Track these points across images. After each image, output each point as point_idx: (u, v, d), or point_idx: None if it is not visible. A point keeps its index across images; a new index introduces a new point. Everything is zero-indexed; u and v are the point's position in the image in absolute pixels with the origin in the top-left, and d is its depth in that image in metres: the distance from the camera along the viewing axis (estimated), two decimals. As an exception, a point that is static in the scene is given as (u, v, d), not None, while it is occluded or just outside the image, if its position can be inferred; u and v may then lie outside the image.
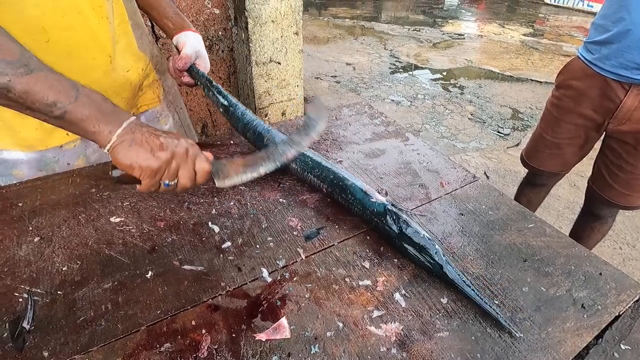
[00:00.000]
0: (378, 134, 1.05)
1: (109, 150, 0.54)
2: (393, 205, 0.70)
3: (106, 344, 0.51)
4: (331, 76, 4.34)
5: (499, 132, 3.33)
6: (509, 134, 3.31)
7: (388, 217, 0.68)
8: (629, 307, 0.61)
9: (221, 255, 0.65)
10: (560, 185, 1.91)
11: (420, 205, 0.80)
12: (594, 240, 1.62)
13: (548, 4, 8.69)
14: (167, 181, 0.57)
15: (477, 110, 3.69)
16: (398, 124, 1.11)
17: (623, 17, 1.14)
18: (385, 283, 0.62)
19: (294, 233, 0.71)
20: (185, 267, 0.63)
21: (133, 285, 0.59)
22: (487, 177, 2.69)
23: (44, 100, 0.50)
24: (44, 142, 0.80)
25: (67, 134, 0.82)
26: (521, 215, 0.78)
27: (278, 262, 0.64)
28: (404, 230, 0.66)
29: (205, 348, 0.51)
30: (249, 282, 0.61)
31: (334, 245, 0.69)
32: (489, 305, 0.57)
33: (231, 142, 0.97)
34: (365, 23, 6.64)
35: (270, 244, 0.68)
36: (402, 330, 0.55)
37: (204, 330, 0.53)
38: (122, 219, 0.71)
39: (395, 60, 4.93)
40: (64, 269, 0.61)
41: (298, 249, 0.67)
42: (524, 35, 6.28)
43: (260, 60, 1.94)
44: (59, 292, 0.57)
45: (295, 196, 0.80)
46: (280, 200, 0.79)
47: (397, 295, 0.60)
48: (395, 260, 0.66)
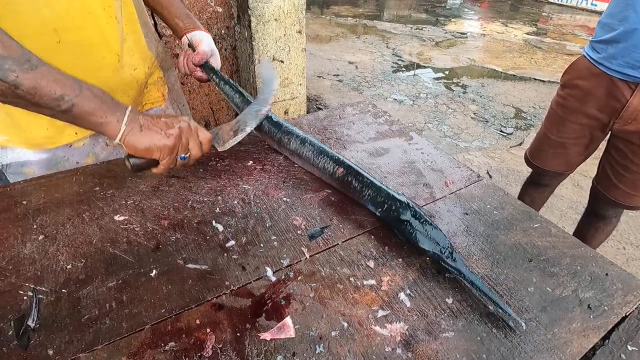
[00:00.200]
0: (382, 133, 1.04)
1: (120, 139, 0.55)
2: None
3: (111, 342, 0.51)
4: (333, 75, 4.33)
5: (501, 132, 3.31)
6: (511, 133, 3.29)
7: (400, 201, 0.70)
8: (636, 308, 0.60)
9: (225, 254, 0.65)
10: (564, 185, 1.90)
11: (424, 205, 0.79)
12: (598, 240, 1.61)
13: (551, 3, 8.63)
14: (183, 155, 0.64)
15: (480, 110, 3.68)
16: (402, 123, 1.10)
17: (629, 16, 1.13)
18: (390, 283, 0.62)
19: (298, 232, 0.70)
20: (190, 266, 0.63)
21: (137, 284, 0.59)
22: (490, 177, 2.68)
23: (52, 94, 0.50)
24: (53, 141, 0.81)
25: (76, 132, 0.82)
26: (526, 215, 0.78)
27: (282, 261, 0.64)
28: (415, 216, 0.68)
29: (210, 347, 0.51)
30: (253, 281, 0.61)
31: (338, 244, 0.69)
32: (492, 293, 0.57)
33: (235, 141, 0.97)
34: (368, 21, 6.62)
35: (275, 243, 0.68)
36: (407, 330, 0.55)
37: (208, 329, 0.53)
38: (126, 218, 0.71)
39: (398, 59, 4.92)
40: (68, 267, 0.61)
41: (302, 248, 0.67)
42: (527, 34, 6.25)
43: (263, 58, 1.93)
44: (63, 291, 0.57)
45: (299, 195, 0.80)
46: (284, 199, 0.78)
47: (402, 295, 0.60)
48: (400, 259, 0.66)
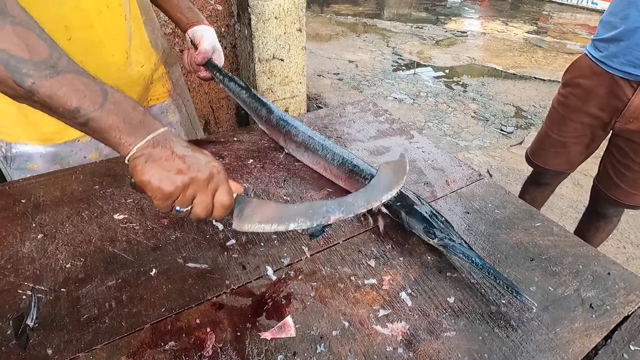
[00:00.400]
0: (382, 132, 1.04)
1: (128, 160, 0.51)
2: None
3: (110, 341, 0.51)
4: (333, 73, 4.32)
5: (502, 130, 3.31)
6: (512, 132, 3.29)
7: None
8: (638, 307, 0.60)
9: (225, 253, 0.65)
10: (564, 183, 1.89)
11: (425, 204, 0.79)
12: (599, 239, 1.61)
13: (552, 1, 8.61)
14: (179, 207, 0.53)
15: (480, 108, 3.67)
16: (402, 122, 1.10)
17: (631, 14, 1.12)
18: (391, 282, 0.61)
19: (299, 231, 0.70)
20: (190, 265, 0.62)
21: (137, 283, 0.59)
22: (490, 176, 2.67)
23: (67, 105, 0.47)
24: (62, 135, 0.81)
25: None
26: (528, 214, 0.78)
27: (283, 260, 0.64)
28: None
29: (210, 346, 0.51)
30: (254, 280, 0.60)
31: (339, 243, 0.68)
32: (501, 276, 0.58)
33: (234, 139, 0.96)
34: (368, 20, 6.61)
35: (275, 241, 0.68)
36: (409, 329, 0.54)
37: (208, 329, 0.53)
38: (126, 216, 0.71)
39: (398, 58, 4.91)
40: (67, 266, 0.61)
41: (303, 247, 0.67)
42: (528, 32, 6.23)
43: (263, 57, 1.93)
44: (62, 290, 0.57)
45: (300, 194, 0.79)
46: (285, 197, 0.78)
47: (403, 294, 0.59)
48: (401, 258, 0.66)
